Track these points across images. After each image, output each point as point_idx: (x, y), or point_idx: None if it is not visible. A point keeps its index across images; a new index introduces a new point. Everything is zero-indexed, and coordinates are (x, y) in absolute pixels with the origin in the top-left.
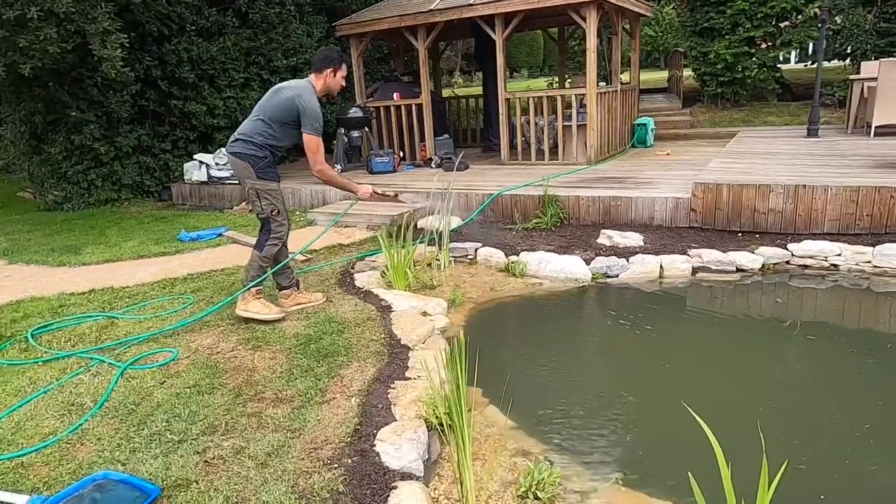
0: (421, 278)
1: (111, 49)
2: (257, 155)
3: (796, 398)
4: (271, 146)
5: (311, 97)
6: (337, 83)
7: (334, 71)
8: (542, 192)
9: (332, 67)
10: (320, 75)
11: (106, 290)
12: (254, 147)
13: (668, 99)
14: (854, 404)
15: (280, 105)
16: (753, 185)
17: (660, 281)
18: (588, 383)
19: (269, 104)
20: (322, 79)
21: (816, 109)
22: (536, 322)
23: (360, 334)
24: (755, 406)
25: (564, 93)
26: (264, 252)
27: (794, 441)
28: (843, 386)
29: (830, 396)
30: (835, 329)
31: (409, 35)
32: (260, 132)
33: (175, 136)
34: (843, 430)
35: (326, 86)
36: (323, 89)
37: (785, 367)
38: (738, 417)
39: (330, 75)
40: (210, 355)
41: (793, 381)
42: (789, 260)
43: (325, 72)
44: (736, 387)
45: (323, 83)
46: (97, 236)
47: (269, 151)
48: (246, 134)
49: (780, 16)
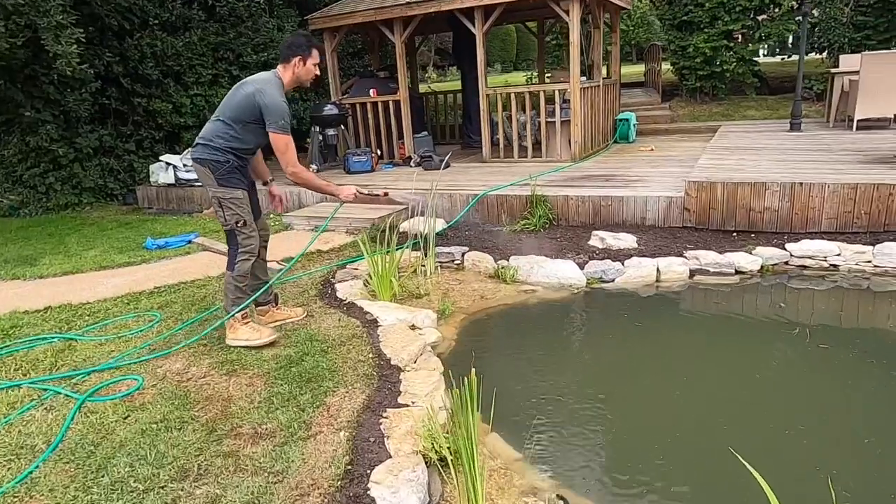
0: (407, 287)
1: (65, 44)
2: (218, 160)
3: (825, 418)
4: (234, 149)
5: (274, 91)
6: (308, 72)
7: (303, 59)
8: (530, 192)
9: (300, 55)
10: (288, 65)
11: (64, 306)
12: (214, 151)
13: (646, 93)
14: (880, 419)
15: (240, 103)
16: (748, 183)
17: (657, 285)
18: (597, 404)
19: (229, 103)
20: (290, 69)
21: (799, 104)
22: (533, 334)
23: (346, 354)
24: (785, 429)
25: (547, 88)
26: (236, 271)
27: (837, 471)
28: (868, 400)
29: (857, 413)
30: (846, 335)
31: (385, 29)
32: (220, 134)
33: (140, 135)
34: (878, 452)
35: (296, 77)
36: (292, 81)
37: (805, 382)
38: (770, 445)
39: (299, 64)
40: (180, 382)
41: (817, 398)
42: (788, 261)
43: (293, 61)
44: (760, 406)
45: (291, 74)
46: (56, 245)
47: (231, 155)
48: (205, 137)
49: (757, 9)
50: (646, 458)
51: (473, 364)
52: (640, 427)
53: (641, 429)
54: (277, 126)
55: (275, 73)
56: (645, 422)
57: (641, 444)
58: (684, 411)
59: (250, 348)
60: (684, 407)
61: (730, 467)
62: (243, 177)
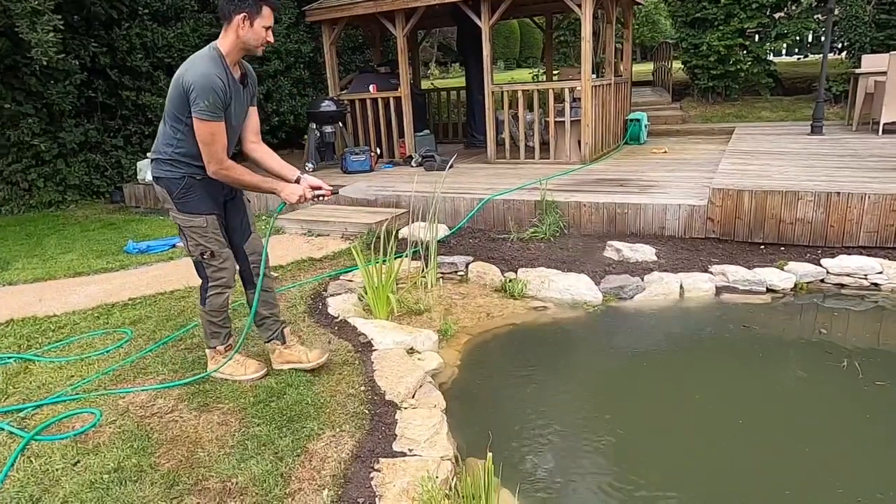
0: (405, 301)
1: (41, 32)
2: (172, 177)
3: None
4: (188, 159)
5: (201, 65)
6: (257, 37)
7: (248, 17)
8: (540, 198)
9: (244, 11)
10: (229, 26)
11: (27, 319)
12: (166, 165)
13: (656, 92)
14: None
15: (173, 94)
16: (779, 192)
17: (680, 304)
18: (624, 450)
19: (167, 98)
20: (231, 31)
21: (821, 106)
22: (546, 361)
23: (335, 386)
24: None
25: (556, 86)
26: (208, 306)
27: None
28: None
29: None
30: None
31: (387, 21)
32: (167, 141)
33: (128, 130)
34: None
35: (241, 42)
36: (235, 48)
37: (870, 431)
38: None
39: (243, 25)
40: (143, 418)
41: (887, 454)
42: (824, 278)
43: (235, 20)
44: (818, 460)
45: (235, 38)
46: (32, 247)
47: (188, 168)
48: (155, 149)
49: (774, 6)
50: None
51: (463, 379)
52: (676, 480)
53: (677, 482)
54: (200, 109)
55: (212, 44)
56: (681, 474)
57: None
58: (731, 461)
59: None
60: (729, 455)
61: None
62: (207, 196)
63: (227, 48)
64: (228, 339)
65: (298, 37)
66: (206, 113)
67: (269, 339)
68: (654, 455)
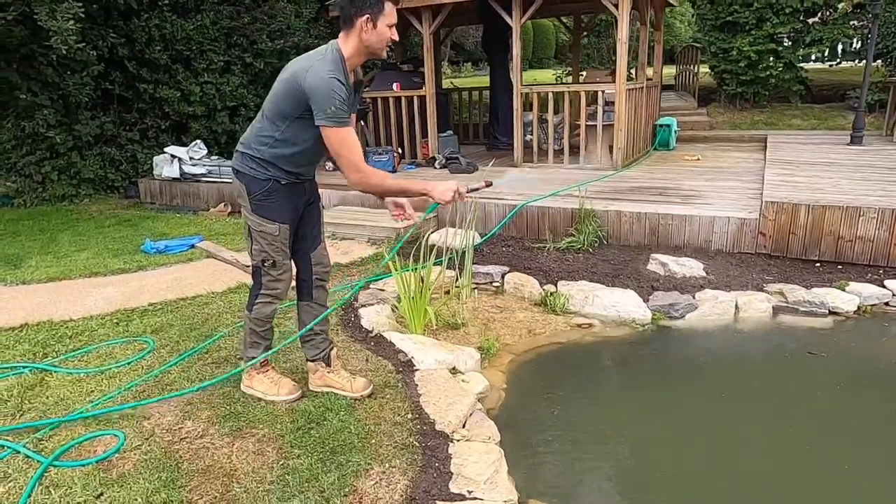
0: (441, 314)
1: (61, 20)
2: (256, 176)
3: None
4: (281, 160)
5: (324, 68)
6: (381, 38)
7: (371, 19)
8: (578, 206)
9: (368, 13)
10: (351, 30)
11: (42, 324)
12: (253, 164)
13: (681, 97)
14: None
15: (283, 89)
16: (839, 207)
17: (736, 325)
18: (694, 490)
19: (272, 92)
20: (354, 35)
21: (861, 115)
22: (599, 386)
23: (379, 412)
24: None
25: (589, 88)
26: (254, 313)
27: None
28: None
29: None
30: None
31: (413, 18)
32: (262, 138)
33: (144, 124)
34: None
35: (365, 46)
36: (359, 52)
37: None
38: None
39: (366, 27)
40: (171, 443)
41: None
42: (889, 301)
43: (358, 22)
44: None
45: (357, 42)
46: (46, 243)
47: (276, 170)
48: (245, 142)
49: (809, 11)
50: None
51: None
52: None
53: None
54: (326, 115)
55: (333, 43)
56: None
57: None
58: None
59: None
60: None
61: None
62: (288, 203)
63: (350, 52)
64: (265, 354)
65: (318, 32)
66: (332, 120)
67: (315, 357)
68: (713, 475)
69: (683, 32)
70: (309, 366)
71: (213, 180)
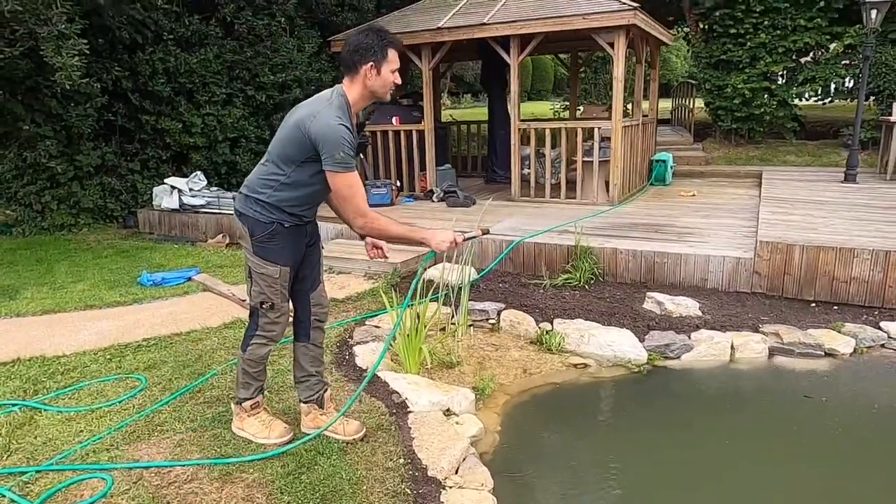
0: (436, 352)
1: (66, 56)
2: (260, 220)
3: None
4: (286, 203)
5: (330, 114)
6: (384, 84)
7: (375, 66)
8: (574, 242)
9: (372, 61)
10: (356, 77)
11: (35, 359)
12: (258, 206)
13: (676, 132)
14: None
15: (288, 135)
16: (833, 248)
17: (732, 366)
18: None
19: (277, 136)
20: (359, 82)
21: (855, 153)
22: (596, 429)
23: (370, 457)
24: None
25: (585, 124)
26: (248, 353)
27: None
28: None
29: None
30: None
31: (413, 54)
32: (268, 181)
33: (145, 154)
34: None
35: (369, 91)
36: (363, 97)
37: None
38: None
39: (370, 74)
40: (159, 488)
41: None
42: (885, 343)
43: (362, 70)
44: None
45: (361, 89)
46: (42, 274)
47: (281, 214)
48: (250, 185)
49: (801, 50)
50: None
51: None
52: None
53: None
54: (334, 161)
55: (337, 88)
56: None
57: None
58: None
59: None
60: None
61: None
62: (290, 246)
63: (355, 98)
64: (258, 395)
65: (320, 66)
66: (340, 165)
67: (308, 399)
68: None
69: (679, 67)
70: (301, 407)
71: (213, 211)
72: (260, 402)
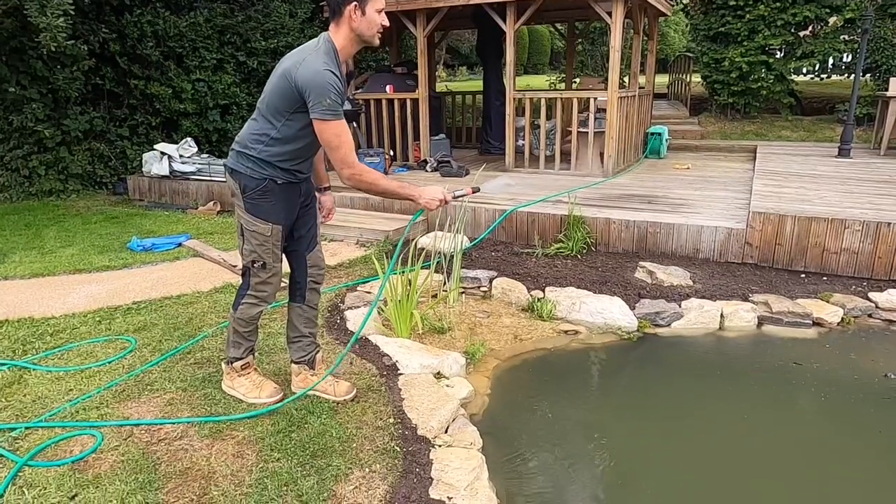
0: (427, 318)
1: (51, 17)
2: (251, 175)
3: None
4: (277, 158)
5: (317, 62)
6: (371, 24)
7: (360, 6)
8: (567, 212)
9: (356, 1)
10: (340, 20)
11: (24, 321)
12: (249, 162)
13: (673, 106)
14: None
15: (277, 86)
16: (824, 219)
17: (721, 334)
18: (685, 493)
19: (265, 89)
20: (344, 24)
21: (850, 128)
22: (584, 394)
23: (361, 416)
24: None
25: (581, 95)
26: (238, 312)
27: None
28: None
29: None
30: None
31: (407, 21)
32: (258, 136)
33: (134, 120)
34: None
35: (355, 33)
36: (351, 41)
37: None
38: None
39: (355, 14)
40: (148, 444)
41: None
42: (872, 313)
43: (345, 11)
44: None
45: (347, 32)
46: (31, 239)
47: (273, 169)
48: (241, 141)
49: (800, 24)
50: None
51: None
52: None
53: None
54: (322, 108)
55: (324, 35)
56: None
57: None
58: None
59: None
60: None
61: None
62: (283, 203)
63: (342, 42)
64: (248, 355)
65: (313, 32)
66: (328, 113)
67: (300, 360)
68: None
69: (677, 42)
70: (293, 368)
71: (203, 178)
72: (250, 363)
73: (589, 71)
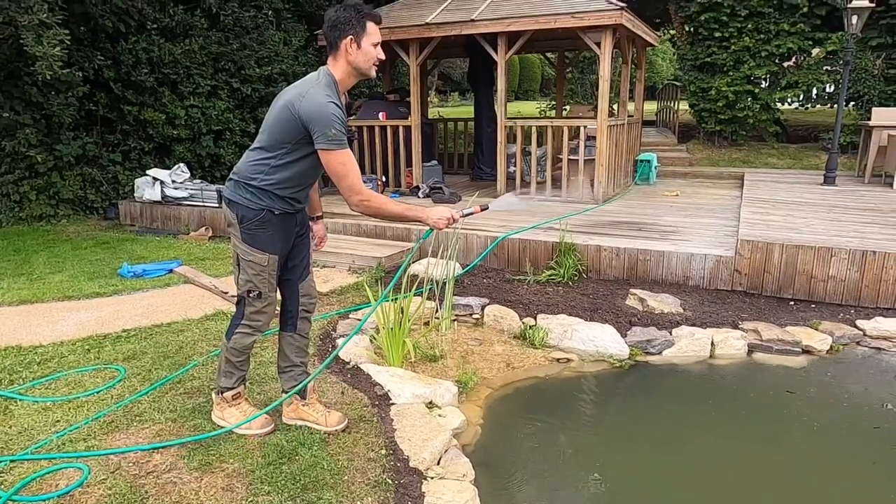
0: (419, 346)
1: (48, 46)
2: (249, 206)
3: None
4: (276, 188)
5: (320, 94)
6: (367, 57)
7: (355, 39)
8: (558, 239)
9: (351, 34)
10: (337, 53)
11: (11, 349)
12: (247, 193)
13: (661, 133)
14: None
15: (278, 118)
16: (811, 248)
17: (712, 362)
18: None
19: (266, 121)
20: (341, 58)
21: (835, 156)
22: (577, 423)
23: (352, 448)
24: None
25: (572, 123)
26: (232, 342)
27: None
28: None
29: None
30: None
31: (400, 49)
32: (258, 166)
33: (127, 146)
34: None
35: (352, 66)
36: (348, 73)
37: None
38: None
39: (351, 47)
40: (137, 477)
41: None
42: (860, 340)
43: (341, 45)
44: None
45: (344, 65)
46: (20, 265)
47: (271, 200)
48: (240, 172)
49: (783, 55)
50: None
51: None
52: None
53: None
54: (327, 139)
55: (323, 68)
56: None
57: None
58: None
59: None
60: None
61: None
62: (280, 234)
63: (341, 75)
64: (240, 385)
65: (307, 60)
66: (333, 143)
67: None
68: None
69: (665, 70)
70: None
71: (195, 204)
72: (242, 393)
73: (579, 98)
